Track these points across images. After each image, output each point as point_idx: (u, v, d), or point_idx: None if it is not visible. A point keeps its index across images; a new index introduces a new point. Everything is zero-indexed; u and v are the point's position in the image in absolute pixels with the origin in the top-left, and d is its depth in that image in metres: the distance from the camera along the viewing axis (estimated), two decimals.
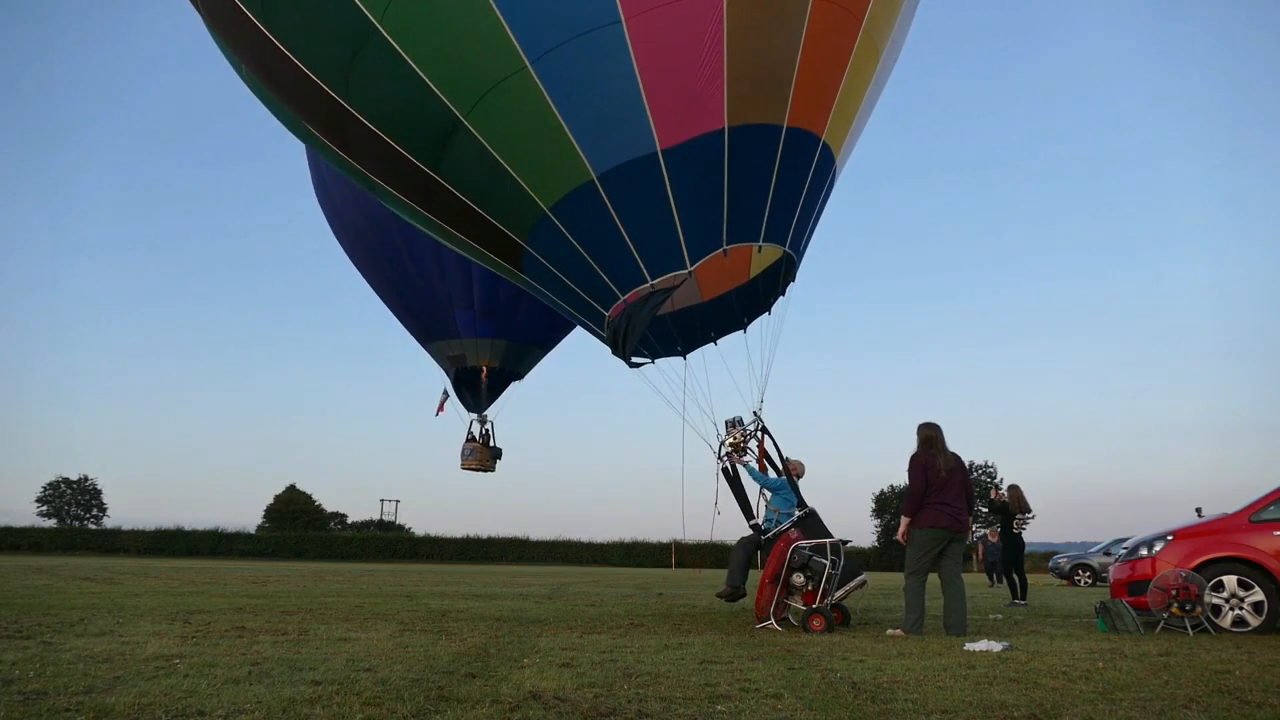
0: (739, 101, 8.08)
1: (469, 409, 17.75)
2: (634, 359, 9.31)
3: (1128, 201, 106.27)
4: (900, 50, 9.73)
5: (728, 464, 9.23)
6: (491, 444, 17.69)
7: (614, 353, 9.16)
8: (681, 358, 9.94)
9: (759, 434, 9.39)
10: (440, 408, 17.77)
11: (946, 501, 7.74)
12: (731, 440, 9.22)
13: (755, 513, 9.13)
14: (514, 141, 8.24)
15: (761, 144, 8.41)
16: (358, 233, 16.66)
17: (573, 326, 18.38)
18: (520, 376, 17.85)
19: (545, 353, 17.98)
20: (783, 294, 9.59)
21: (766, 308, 9.74)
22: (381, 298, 17.50)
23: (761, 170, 8.52)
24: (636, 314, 8.65)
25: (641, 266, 8.51)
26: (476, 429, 17.63)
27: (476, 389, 17.57)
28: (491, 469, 17.71)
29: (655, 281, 8.52)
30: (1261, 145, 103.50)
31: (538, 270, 9.24)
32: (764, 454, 9.37)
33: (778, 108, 8.33)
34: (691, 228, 8.41)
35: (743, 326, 9.95)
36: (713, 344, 10.12)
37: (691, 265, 8.43)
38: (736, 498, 9.25)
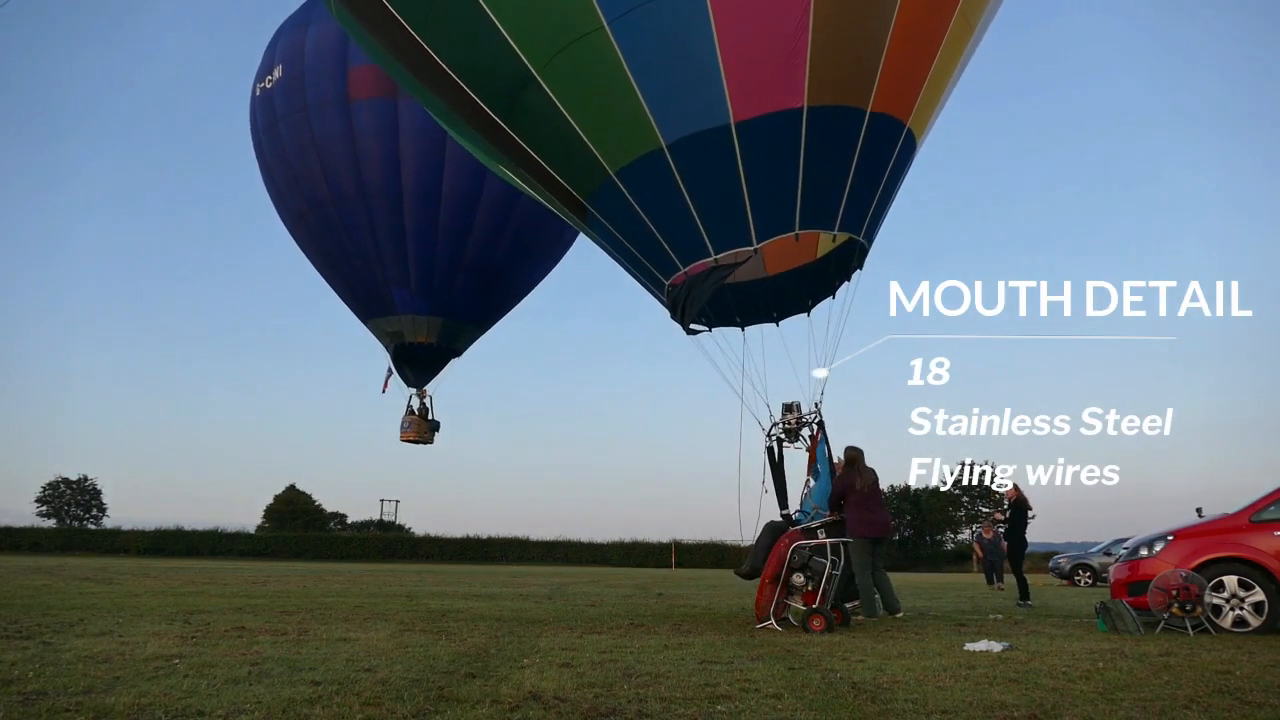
0: (821, 81, 7.71)
1: (409, 384, 18.55)
2: (692, 325, 9.15)
3: (1128, 200, 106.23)
4: (990, 24, 9.11)
5: (774, 446, 9.08)
6: (430, 417, 18.58)
7: (672, 317, 9.00)
8: (740, 329, 9.57)
9: (814, 427, 9.14)
10: (385, 385, 18.69)
11: (871, 509, 9.20)
12: (785, 424, 9.02)
13: (789, 503, 9.08)
14: (585, 101, 8.01)
15: (842, 128, 8.04)
16: (299, 214, 17.18)
17: (510, 308, 18.93)
18: (458, 353, 18.52)
19: (482, 332, 18.70)
20: (848, 279, 9.24)
21: (831, 291, 9.36)
22: (324, 277, 18.06)
23: (840, 156, 8.15)
24: (698, 286, 8.43)
25: (706, 240, 8.27)
26: (416, 403, 18.56)
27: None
28: (430, 441, 18.59)
29: (719, 256, 8.29)
30: (1261, 144, 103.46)
31: (601, 229, 9.05)
32: (814, 449, 9.17)
33: (862, 90, 7.95)
34: (761, 205, 8.12)
35: (806, 308, 9.58)
36: (774, 324, 9.76)
37: (758, 243, 8.18)
38: (775, 481, 9.09)
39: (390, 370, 18.44)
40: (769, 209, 8.18)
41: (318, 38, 15.99)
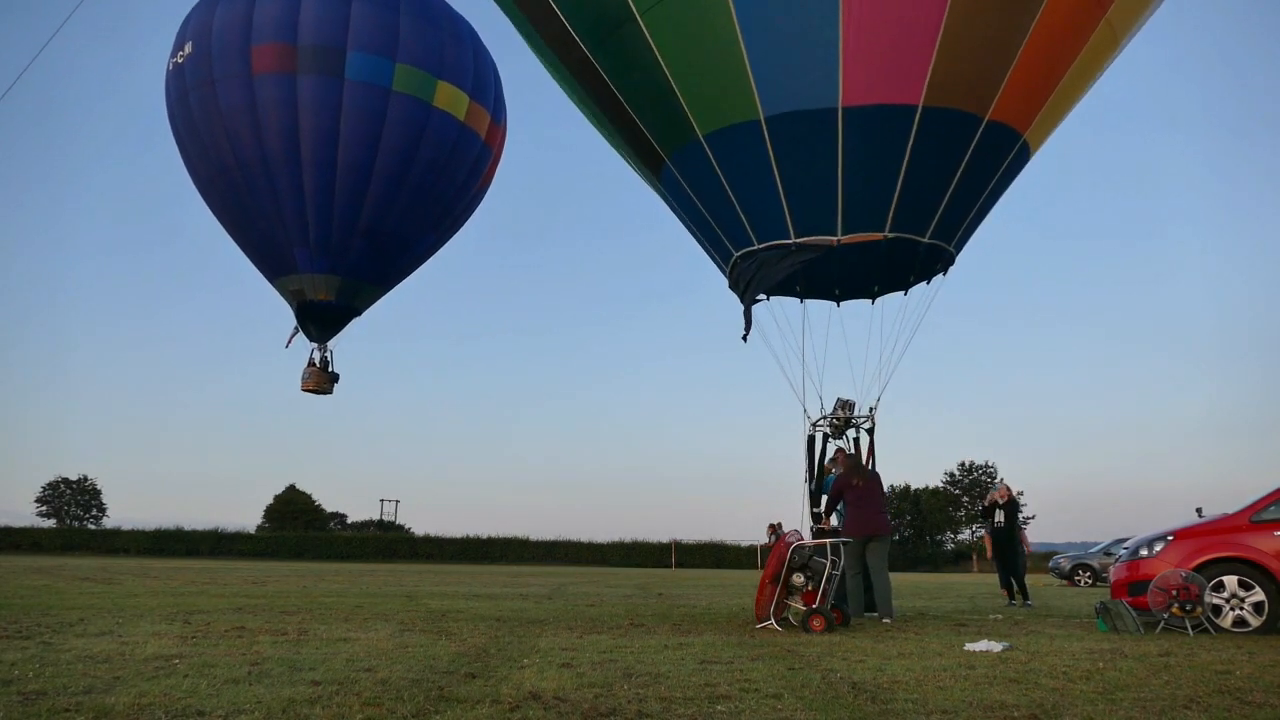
0: (942, 82, 7.32)
1: (311, 340, 19.62)
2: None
3: (1128, 199, 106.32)
4: (1135, 38, 8.54)
5: (817, 437, 8.92)
6: (330, 369, 19.67)
7: (731, 288, 8.70)
8: (799, 300, 9.08)
9: (862, 431, 8.90)
10: (289, 341, 19.75)
11: (865, 509, 9.02)
12: (834, 419, 8.81)
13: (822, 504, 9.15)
14: (685, 55, 7.58)
15: (954, 134, 7.64)
16: (208, 180, 18.18)
17: (407, 273, 19.80)
18: (359, 312, 19.53)
19: (382, 292, 19.79)
20: (926, 282, 8.76)
21: (902, 284, 8.83)
22: (234, 239, 19.05)
23: (947, 162, 7.77)
24: (769, 267, 8.09)
25: (789, 222, 7.91)
26: (317, 356, 19.62)
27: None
28: (329, 391, 19.63)
29: (800, 240, 7.93)
30: (1261, 145, 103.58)
31: (675, 189, 8.66)
32: (858, 452, 9.05)
33: (983, 97, 7.53)
34: (854, 198, 7.74)
35: (871, 295, 9.07)
36: (835, 304, 9.24)
37: (842, 235, 7.82)
38: (810, 474, 8.90)
39: (296, 328, 19.39)
40: (862, 204, 7.80)
41: (225, 16, 16.99)
